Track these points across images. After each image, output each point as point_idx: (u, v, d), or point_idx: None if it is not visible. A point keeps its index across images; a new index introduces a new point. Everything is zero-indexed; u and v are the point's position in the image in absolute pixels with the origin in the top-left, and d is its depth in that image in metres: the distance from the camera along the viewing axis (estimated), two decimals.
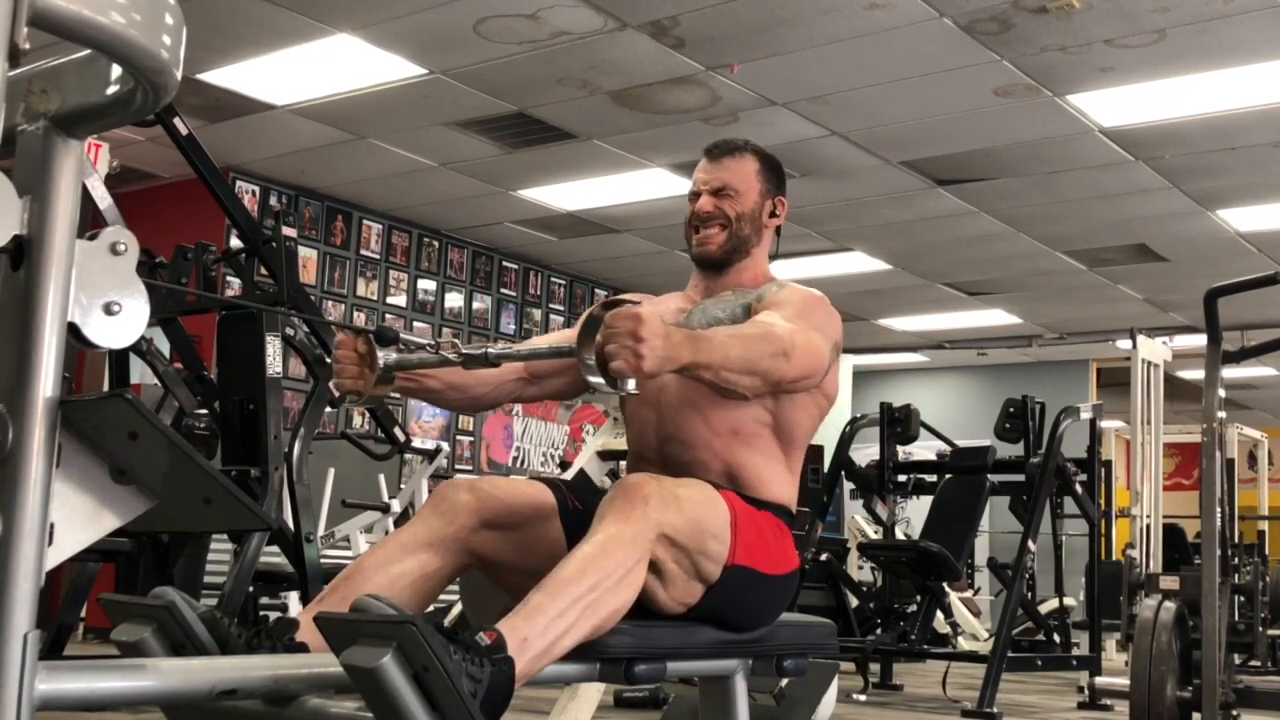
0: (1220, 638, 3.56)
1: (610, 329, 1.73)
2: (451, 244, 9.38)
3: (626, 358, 1.70)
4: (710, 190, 2.28)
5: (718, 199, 2.27)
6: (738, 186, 2.27)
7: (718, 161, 2.30)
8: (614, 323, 1.73)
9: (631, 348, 1.70)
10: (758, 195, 2.29)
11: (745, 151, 2.31)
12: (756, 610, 2.02)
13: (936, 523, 6.34)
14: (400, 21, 5.60)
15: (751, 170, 2.30)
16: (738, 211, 2.26)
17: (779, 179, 2.35)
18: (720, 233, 2.27)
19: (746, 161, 2.30)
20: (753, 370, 1.90)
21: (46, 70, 1.11)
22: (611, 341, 1.72)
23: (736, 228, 2.27)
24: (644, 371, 1.71)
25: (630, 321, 1.71)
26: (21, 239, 1.04)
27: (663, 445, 2.16)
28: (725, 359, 1.85)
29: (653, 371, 1.73)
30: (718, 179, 2.28)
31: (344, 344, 2.07)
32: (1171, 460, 13.51)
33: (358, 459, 5.73)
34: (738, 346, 1.89)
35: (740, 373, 1.89)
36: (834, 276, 9.40)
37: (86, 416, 1.10)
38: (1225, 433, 7.50)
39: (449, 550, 1.97)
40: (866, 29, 5.41)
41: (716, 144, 2.34)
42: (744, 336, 1.94)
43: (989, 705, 4.98)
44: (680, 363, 1.78)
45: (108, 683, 1.36)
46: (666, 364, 1.75)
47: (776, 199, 2.33)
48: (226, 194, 3.99)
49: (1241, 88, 5.86)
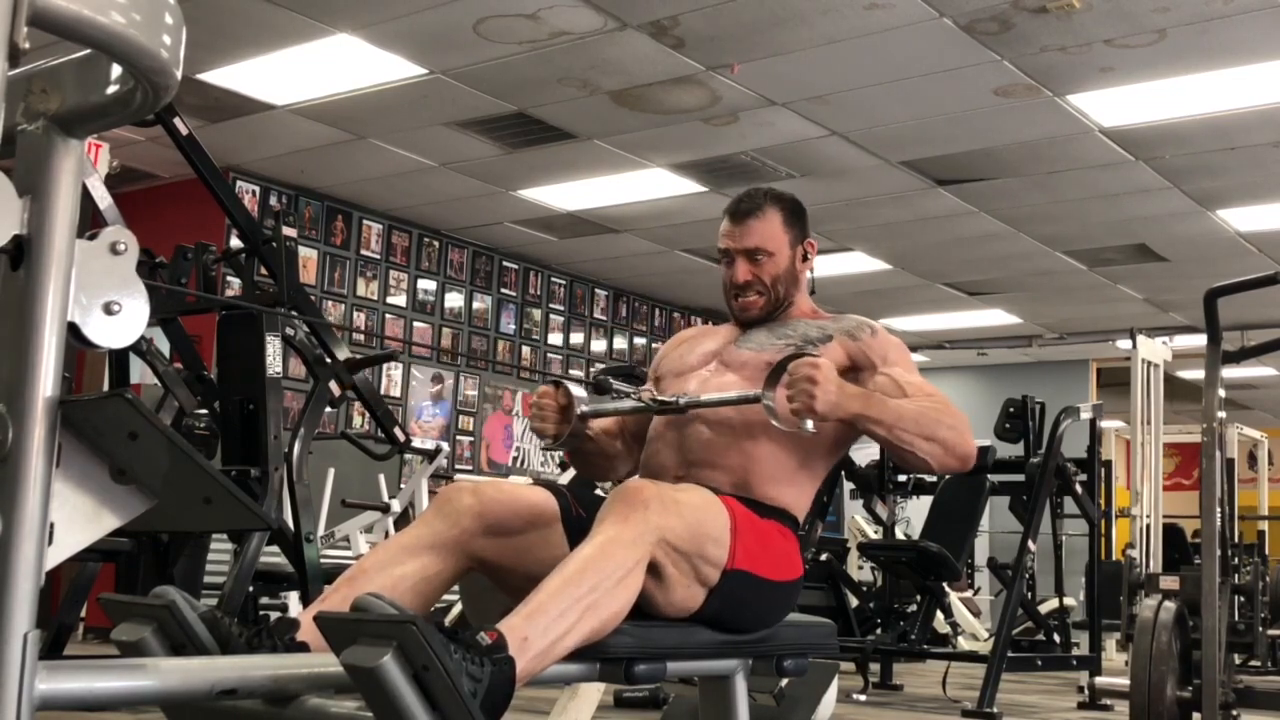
0: (1220, 638, 3.56)
1: (792, 375, 1.98)
2: (451, 244, 9.38)
3: (803, 400, 1.96)
4: (742, 252, 2.29)
5: (752, 264, 2.28)
6: (768, 247, 2.28)
7: (743, 225, 2.30)
8: (795, 370, 1.98)
9: (808, 390, 1.95)
10: (788, 248, 2.31)
11: (767, 205, 2.30)
12: (757, 615, 2.02)
13: (936, 523, 6.34)
14: (400, 21, 5.60)
15: (777, 225, 2.30)
16: (773, 275, 2.29)
17: (802, 222, 2.35)
18: (759, 298, 2.30)
19: (771, 218, 2.30)
20: (932, 437, 2.05)
21: (46, 70, 1.11)
22: (792, 387, 1.98)
23: (774, 292, 2.30)
24: (816, 412, 1.95)
25: (808, 369, 1.97)
26: (21, 239, 1.04)
27: (684, 425, 2.18)
28: (898, 418, 2.04)
29: (825, 413, 1.97)
30: (747, 243, 2.28)
31: (546, 394, 2.20)
32: (1171, 460, 13.51)
33: (358, 459, 5.72)
34: (911, 410, 2.07)
35: (917, 436, 2.04)
36: (834, 276, 9.40)
37: (86, 416, 1.10)
38: (1225, 433, 7.50)
39: (451, 553, 1.97)
40: (866, 29, 5.41)
41: (739, 205, 2.32)
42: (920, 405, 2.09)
43: (989, 705, 4.97)
44: (850, 412, 2.00)
45: (108, 683, 1.36)
46: (836, 409, 1.98)
47: (806, 243, 2.34)
48: (226, 194, 3.98)
49: (1241, 88, 5.87)
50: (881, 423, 2.02)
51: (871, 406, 2.02)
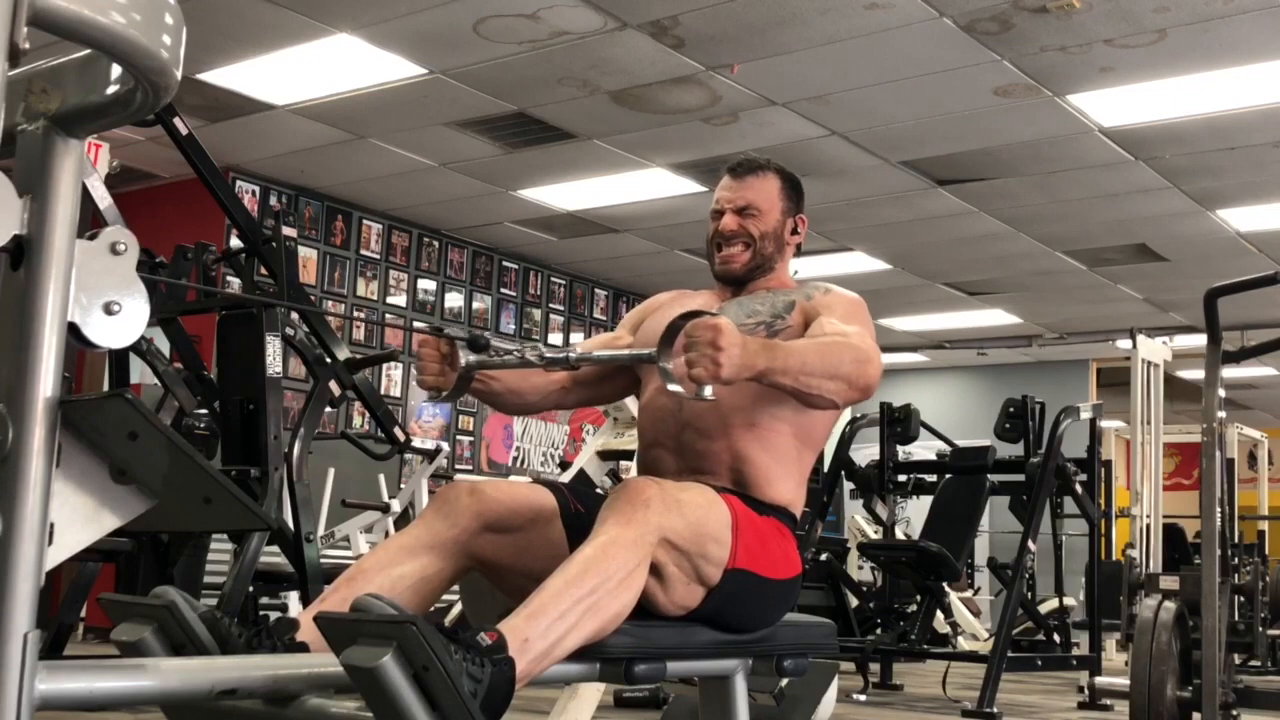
0: (1220, 638, 3.55)
1: (691, 338, 1.82)
2: (451, 244, 9.38)
3: (706, 365, 1.79)
4: (734, 209, 2.30)
5: (741, 218, 2.29)
6: (761, 205, 2.29)
7: (741, 180, 2.32)
8: (695, 332, 1.82)
9: (711, 356, 1.79)
10: (780, 213, 2.32)
11: (768, 170, 2.33)
12: (757, 614, 2.02)
13: (936, 523, 6.34)
14: (400, 21, 5.60)
15: (774, 189, 2.32)
16: (761, 230, 2.29)
17: (799, 197, 2.37)
18: (744, 251, 2.29)
19: (769, 180, 2.32)
20: (834, 374, 1.96)
21: (46, 70, 1.11)
22: (692, 349, 1.81)
23: (760, 246, 2.29)
24: (721, 378, 1.80)
25: (710, 331, 1.80)
26: (21, 239, 1.04)
27: (680, 431, 2.16)
28: (803, 365, 1.93)
29: (730, 378, 1.81)
30: (741, 197, 2.30)
31: (428, 343, 2.13)
32: (1171, 460, 13.51)
33: (358, 459, 5.72)
34: (815, 352, 1.96)
35: (822, 377, 1.95)
36: (834, 276, 9.38)
37: (86, 416, 1.10)
38: (1225, 433, 7.51)
39: (450, 553, 1.97)
40: (866, 29, 5.41)
41: (740, 162, 2.35)
42: (821, 344, 2.01)
43: (989, 705, 4.97)
44: (756, 370, 1.86)
45: (108, 683, 1.36)
46: (743, 371, 1.83)
47: (798, 217, 2.35)
48: (226, 194, 3.98)
49: (1241, 88, 5.87)
50: (787, 372, 1.91)
51: (776, 358, 1.89)
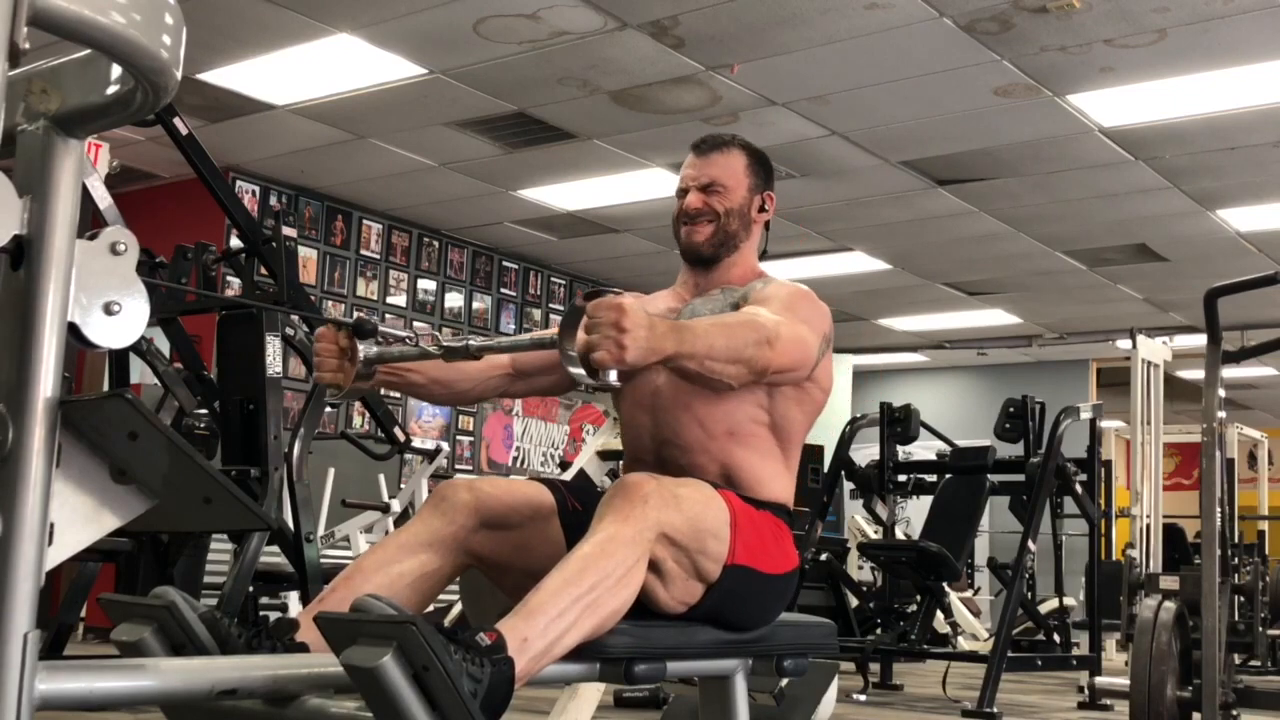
0: (1220, 638, 3.55)
1: (593, 319, 1.70)
2: (451, 244, 9.38)
3: (609, 348, 1.67)
4: (699, 186, 2.26)
5: (706, 195, 2.25)
6: (726, 182, 2.25)
7: (705, 157, 2.28)
8: (596, 312, 1.69)
9: (614, 338, 1.67)
10: (746, 190, 2.27)
11: (733, 146, 2.29)
12: (756, 610, 2.01)
13: (936, 523, 6.34)
14: (400, 21, 5.60)
15: (740, 165, 2.28)
16: (726, 207, 2.25)
17: (767, 174, 2.33)
18: (708, 227, 2.25)
19: (734, 157, 2.28)
20: (737, 358, 1.88)
21: (46, 70, 1.11)
22: (594, 331, 1.69)
23: (725, 222, 2.25)
24: (626, 362, 1.68)
25: (613, 312, 1.68)
26: (21, 239, 1.04)
27: (659, 449, 2.14)
28: (710, 348, 1.83)
29: (635, 362, 1.70)
30: (706, 174, 2.26)
31: (323, 336, 2.07)
32: (1171, 460, 13.51)
33: (358, 459, 5.73)
34: (721, 335, 1.87)
35: (725, 361, 1.86)
36: (834, 276, 9.40)
37: (86, 416, 1.10)
38: (1225, 433, 7.51)
39: (448, 550, 1.96)
40: (866, 29, 5.41)
41: (704, 139, 2.31)
42: (727, 325, 1.93)
43: (989, 705, 4.97)
44: (664, 353, 1.75)
45: (108, 683, 1.36)
46: (650, 355, 1.72)
47: (765, 194, 2.31)
48: (226, 194, 3.98)
49: (1241, 88, 5.86)
50: (694, 356, 1.81)
51: (684, 342, 1.78)
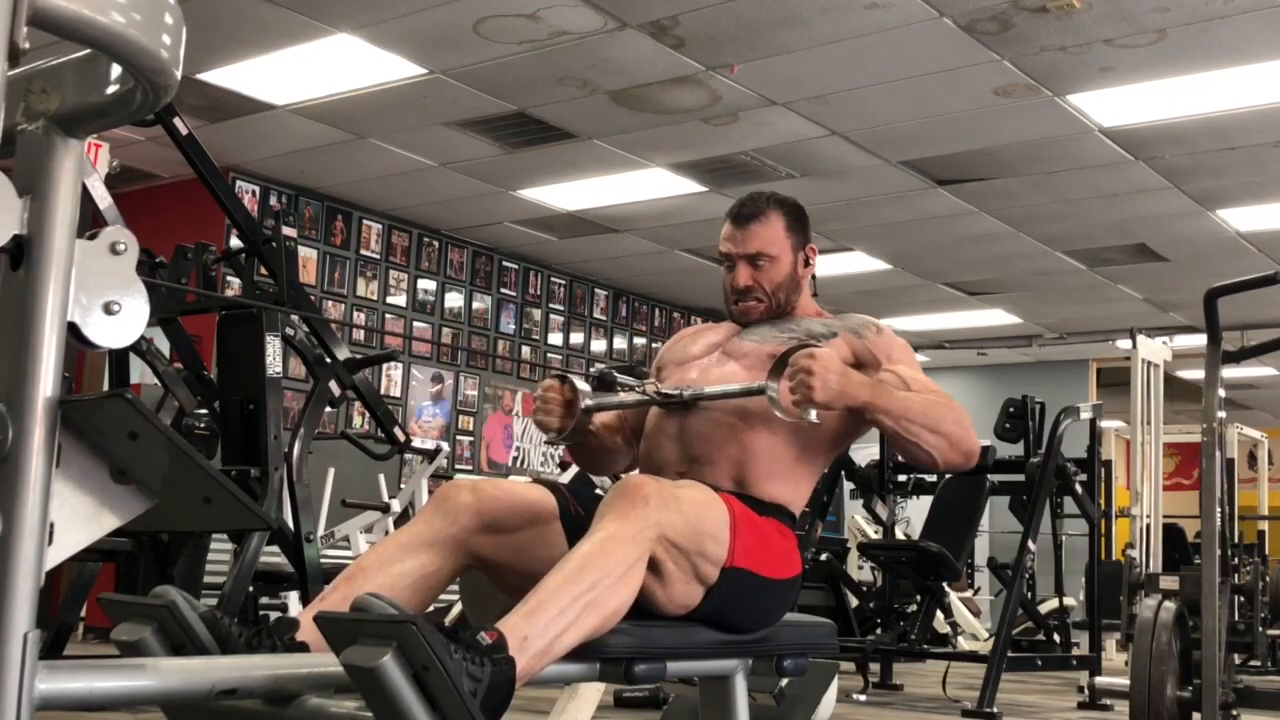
0: (1220, 638, 3.55)
1: (793, 366, 1.98)
2: (451, 244, 9.38)
3: (802, 391, 1.96)
4: (743, 256, 2.27)
5: (753, 269, 2.27)
6: (770, 251, 2.26)
7: (745, 229, 2.27)
8: (796, 361, 1.98)
9: (806, 382, 1.95)
10: (790, 253, 2.29)
11: (770, 210, 2.28)
12: (756, 613, 2.01)
13: (936, 523, 6.34)
14: (400, 21, 5.60)
15: (780, 230, 2.28)
16: (775, 281, 2.27)
17: (804, 226, 2.34)
18: (759, 305, 2.29)
19: (773, 222, 2.28)
20: (937, 430, 2.05)
21: (46, 70, 1.11)
22: (793, 378, 1.97)
23: (774, 298, 2.28)
24: (814, 402, 1.95)
25: (808, 360, 1.97)
26: (21, 239, 1.04)
27: (684, 419, 2.17)
28: (907, 410, 2.03)
29: (824, 403, 1.96)
30: (749, 247, 2.27)
31: (553, 388, 2.19)
32: (1171, 460, 13.51)
33: (358, 459, 5.72)
34: (919, 404, 2.06)
35: (924, 428, 2.04)
36: (834, 276, 9.40)
37: (86, 416, 1.10)
38: (1225, 433, 7.51)
39: (449, 551, 1.97)
40: (866, 29, 5.41)
41: (740, 209, 2.30)
42: (924, 397, 2.09)
43: (989, 705, 4.97)
44: (857, 401, 2.00)
45: (108, 682, 1.36)
46: (841, 398, 1.97)
47: (807, 249, 2.33)
48: (226, 194, 3.99)
49: (1241, 88, 5.87)
50: (889, 412, 2.02)
51: (880, 396, 2.02)
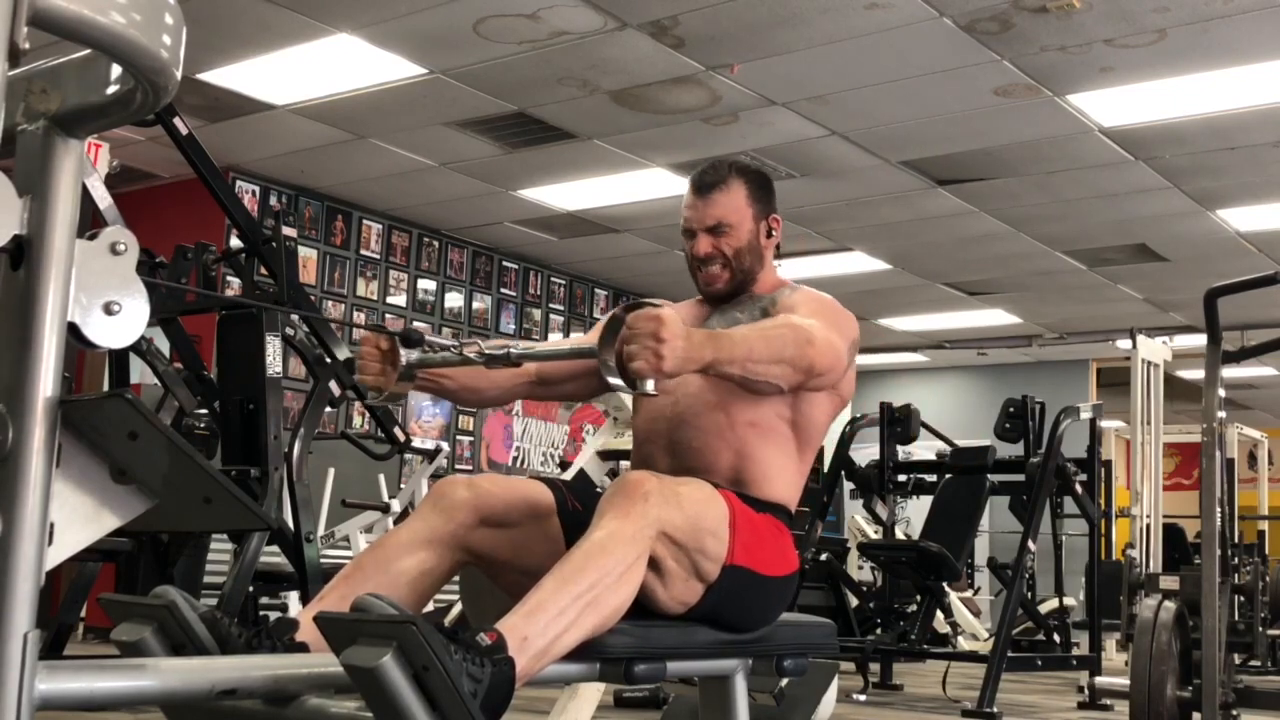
0: (1220, 638, 3.55)
1: (632, 330, 1.76)
2: (451, 244, 9.38)
3: (647, 358, 1.73)
4: (704, 228, 2.24)
5: (714, 237, 2.23)
6: (730, 220, 2.23)
7: (706, 197, 2.24)
8: (635, 324, 1.76)
9: (652, 348, 1.73)
10: (751, 221, 2.25)
11: (731, 178, 2.25)
12: (756, 611, 2.01)
13: (936, 523, 6.34)
14: (400, 21, 5.60)
15: (741, 198, 2.24)
16: (735, 248, 2.23)
17: (768, 195, 2.30)
18: (723, 271, 2.25)
19: (735, 191, 2.24)
20: (779, 359, 1.93)
21: (46, 70, 1.11)
22: (633, 342, 1.75)
23: (738, 264, 2.25)
24: (664, 371, 1.75)
25: (651, 323, 1.74)
26: (21, 239, 1.04)
27: (674, 430, 2.15)
28: (749, 353, 1.89)
29: (673, 371, 1.76)
30: (709, 215, 2.23)
31: (367, 341, 2.12)
32: (1171, 460, 13.51)
33: (358, 459, 5.73)
34: (759, 339, 1.93)
35: (768, 363, 1.92)
36: (834, 276, 9.40)
37: (86, 416, 1.10)
38: (1225, 433, 7.50)
39: (447, 548, 1.97)
40: (866, 29, 5.41)
41: (701, 177, 2.27)
42: (763, 329, 2.00)
43: (989, 705, 4.97)
44: (702, 362, 1.82)
45: (108, 683, 1.36)
46: (687, 364, 1.78)
47: (770, 218, 2.29)
48: (226, 194, 3.99)
49: (1241, 88, 5.86)
50: (734, 361, 1.87)
51: (722, 349, 1.85)
